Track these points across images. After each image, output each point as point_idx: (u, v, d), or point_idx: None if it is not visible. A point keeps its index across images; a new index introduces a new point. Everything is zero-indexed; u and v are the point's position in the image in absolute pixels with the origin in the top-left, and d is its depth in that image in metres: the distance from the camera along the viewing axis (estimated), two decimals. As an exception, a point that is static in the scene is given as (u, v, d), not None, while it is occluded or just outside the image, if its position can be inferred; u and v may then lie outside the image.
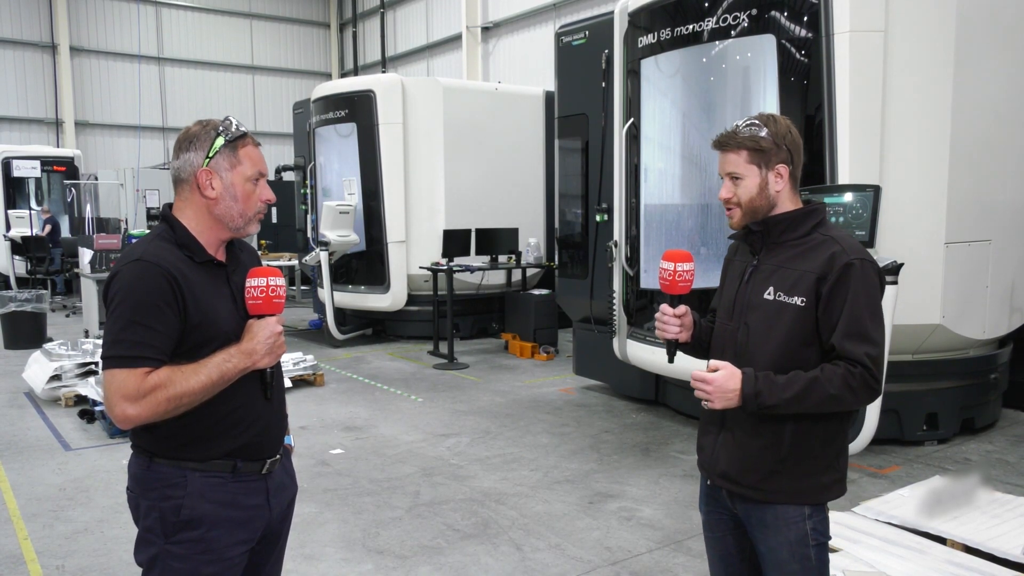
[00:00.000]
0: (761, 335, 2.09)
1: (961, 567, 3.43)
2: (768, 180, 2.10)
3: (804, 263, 2.06)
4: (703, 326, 2.31)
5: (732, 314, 2.18)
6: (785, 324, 2.05)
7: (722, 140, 2.14)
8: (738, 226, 2.17)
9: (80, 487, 4.99)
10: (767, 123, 2.10)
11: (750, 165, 2.09)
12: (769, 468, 2.09)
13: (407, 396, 7.33)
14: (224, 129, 1.99)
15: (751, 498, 2.13)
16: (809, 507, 2.10)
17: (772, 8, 5.11)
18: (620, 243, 6.40)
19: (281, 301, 2.01)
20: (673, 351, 2.30)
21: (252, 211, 2.04)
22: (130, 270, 1.90)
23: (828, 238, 2.07)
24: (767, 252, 2.15)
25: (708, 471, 2.25)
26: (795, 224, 2.11)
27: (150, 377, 1.84)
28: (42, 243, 13.74)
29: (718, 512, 2.27)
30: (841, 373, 1.97)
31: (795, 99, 5.06)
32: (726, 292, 2.26)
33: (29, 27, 19.54)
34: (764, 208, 2.12)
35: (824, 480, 2.10)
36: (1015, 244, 5.72)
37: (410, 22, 20.24)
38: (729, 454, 2.15)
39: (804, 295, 2.03)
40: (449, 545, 4.10)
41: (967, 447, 5.59)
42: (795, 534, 2.09)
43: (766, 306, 2.09)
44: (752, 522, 2.16)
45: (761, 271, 2.14)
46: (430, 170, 9.83)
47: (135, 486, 2.00)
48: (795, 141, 2.12)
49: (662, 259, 2.26)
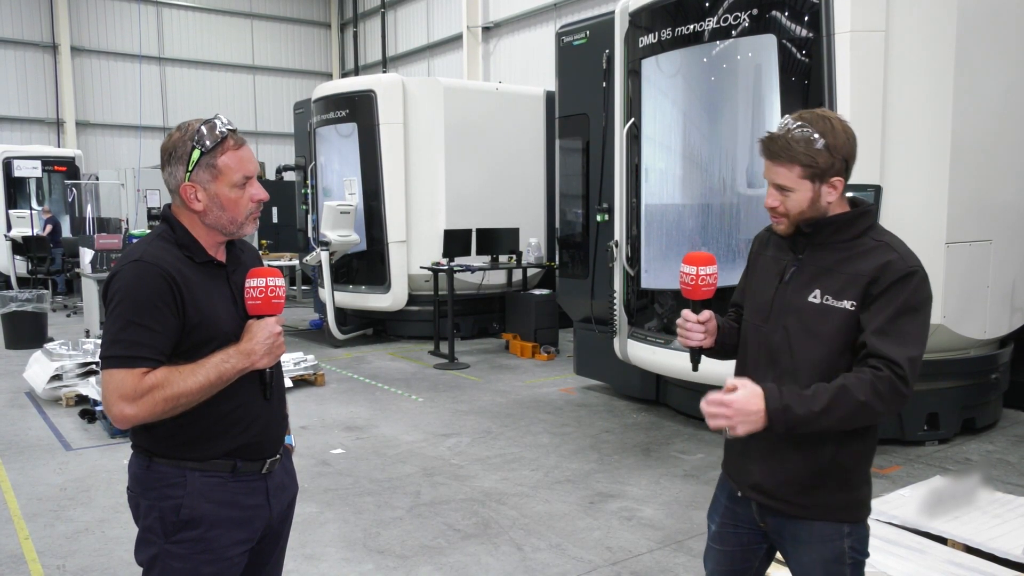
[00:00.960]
0: (803, 339, 1.95)
1: (962, 567, 3.43)
2: (820, 193, 1.94)
3: (855, 266, 1.92)
4: (726, 327, 2.18)
5: (768, 316, 2.03)
6: (831, 328, 1.92)
7: (772, 149, 1.95)
8: (787, 233, 2.03)
9: (81, 487, 4.99)
10: (824, 131, 1.89)
11: (803, 180, 1.92)
12: (808, 482, 1.96)
13: (408, 396, 7.33)
14: (199, 141, 1.92)
15: (785, 512, 2.01)
16: (849, 525, 1.97)
17: (773, 8, 5.11)
18: (621, 243, 6.39)
19: (280, 302, 2.01)
20: (697, 359, 2.16)
21: (242, 215, 2.00)
22: (129, 270, 1.90)
23: (882, 243, 1.93)
24: (812, 252, 2.00)
25: (738, 482, 2.11)
26: (846, 227, 1.97)
27: (148, 377, 1.84)
28: (43, 243, 13.74)
29: (735, 525, 2.15)
30: (868, 379, 1.81)
31: (796, 99, 5.05)
32: (759, 291, 2.10)
33: (30, 27, 19.56)
34: (814, 219, 1.97)
35: (861, 495, 1.99)
36: (1016, 244, 5.71)
37: (411, 22, 20.25)
38: (764, 465, 2.01)
39: (854, 299, 1.89)
40: (450, 545, 4.09)
41: (968, 447, 5.59)
42: (832, 552, 1.97)
43: (810, 309, 1.95)
44: (784, 537, 2.04)
45: (805, 272, 1.99)
46: (431, 170, 9.83)
47: (135, 485, 2.00)
48: (852, 150, 1.94)
49: (683, 262, 2.11)
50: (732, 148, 5.48)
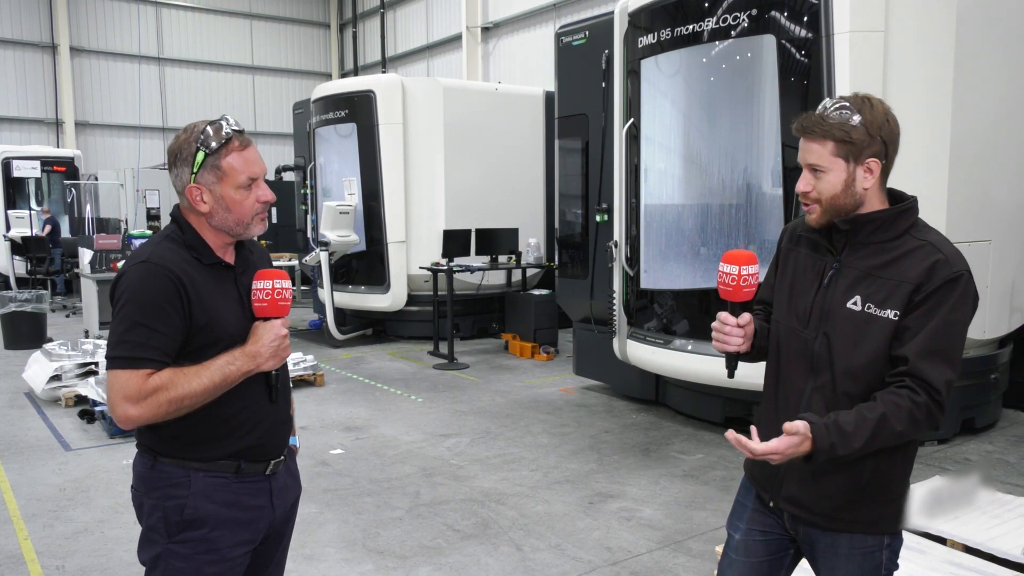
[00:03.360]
0: (847, 349, 1.84)
1: (961, 567, 3.43)
2: (856, 176, 1.82)
3: (899, 271, 1.80)
4: (760, 329, 2.06)
5: (808, 321, 1.92)
6: (876, 339, 1.81)
7: (805, 125, 1.84)
8: (818, 224, 1.89)
9: (80, 487, 4.99)
10: (861, 108, 1.81)
11: (836, 158, 1.81)
12: (848, 497, 1.88)
13: (407, 396, 7.33)
14: (203, 142, 1.92)
15: (823, 526, 1.92)
16: (889, 536, 1.92)
17: (772, 8, 5.11)
18: (620, 243, 6.40)
19: (287, 304, 2.00)
20: (734, 364, 2.04)
21: (248, 217, 2.00)
22: (136, 271, 1.90)
23: (926, 243, 1.82)
24: (851, 252, 1.88)
25: (770, 493, 2.00)
26: (887, 225, 1.85)
27: (152, 378, 1.84)
28: (42, 243, 13.74)
29: (763, 533, 2.04)
30: (907, 407, 1.74)
31: (795, 99, 5.06)
32: (797, 293, 1.97)
33: (29, 27, 19.55)
34: (849, 207, 1.85)
35: (901, 506, 1.92)
36: (1015, 244, 5.72)
37: (410, 22, 20.25)
38: (801, 477, 1.91)
39: (898, 308, 1.79)
40: (449, 545, 4.10)
41: (967, 447, 5.59)
42: (871, 564, 1.91)
43: (852, 317, 1.84)
44: (819, 548, 1.95)
45: (844, 275, 1.87)
46: (430, 170, 9.83)
47: (139, 485, 2.00)
48: (892, 131, 1.84)
49: (722, 261, 1.98)
50: (731, 148, 5.48)
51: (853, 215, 1.87)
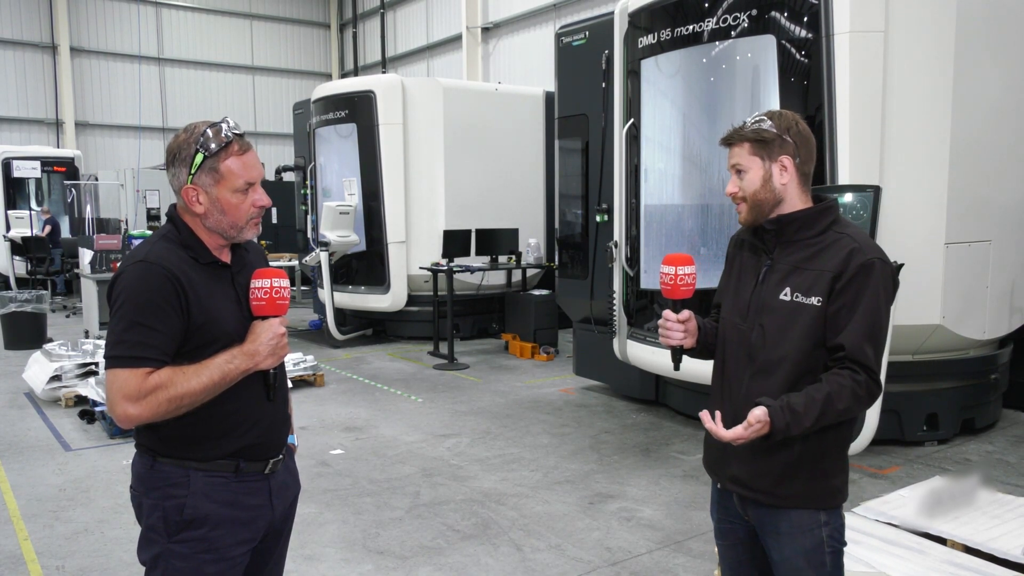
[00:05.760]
0: (777, 337, 2.03)
1: (961, 567, 3.43)
2: (772, 172, 2.04)
3: (821, 262, 2.01)
4: (707, 327, 2.25)
5: (746, 315, 2.11)
6: (803, 325, 2.00)
7: (727, 136, 2.11)
8: (747, 222, 2.12)
9: (80, 487, 4.99)
10: (772, 116, 2.08)
11: (753, 157, 2.05)
12: (783, 472, 2.04)
13: (407, 396, 7.33)
14: (203, 144, 1.92)
15: (764, 503, 2.08)
16: (825, 513, 2.06)
17: (772, 8, 5.11)
18: (620, 243, 6.40)
19: (285, 303, 2.01)
20: (678, 358, 2.24)
21: (243, 220, 1.99)
22: (134, 271, 1.91)
23: (844, 235, 2.02)
24: (781, 251, 2.09)
25: (718, 475, 2.19)
26: (809, 222, 2.06)
27: (151, 377, 1.84)
28: (42, 243, 13.74)
29: (729, 521, 2.22)
30: (849, 386, 1.93)
31: (795, 99, 5.06)
32: (738, 290, 2.18)
33: (29, 27, 19.56)
34: (770, 202, 2.06)
35: (836, 483, 2.07)
36: (1015, 244, 5.72)
37: (410, 22, 20.25)
38: (740, 457, 2.08)
39: (821, 295, 1.98)
40: (449, 546, 4.10)
41: (967, 447, 5.59)
42: (811, 542, 2.04)
43: (783, 307, 2.03)
44: (766, 529, 2.11)
45: (776, 271, 2.08)
46: (430, 170, 9.83)
47: (138, 485, 2.00)
48: (801, 133, 2.06)
49: (662, 263, 2.19)
50: (731, 149, 5.47)
51: (777, 215, 2.08)
